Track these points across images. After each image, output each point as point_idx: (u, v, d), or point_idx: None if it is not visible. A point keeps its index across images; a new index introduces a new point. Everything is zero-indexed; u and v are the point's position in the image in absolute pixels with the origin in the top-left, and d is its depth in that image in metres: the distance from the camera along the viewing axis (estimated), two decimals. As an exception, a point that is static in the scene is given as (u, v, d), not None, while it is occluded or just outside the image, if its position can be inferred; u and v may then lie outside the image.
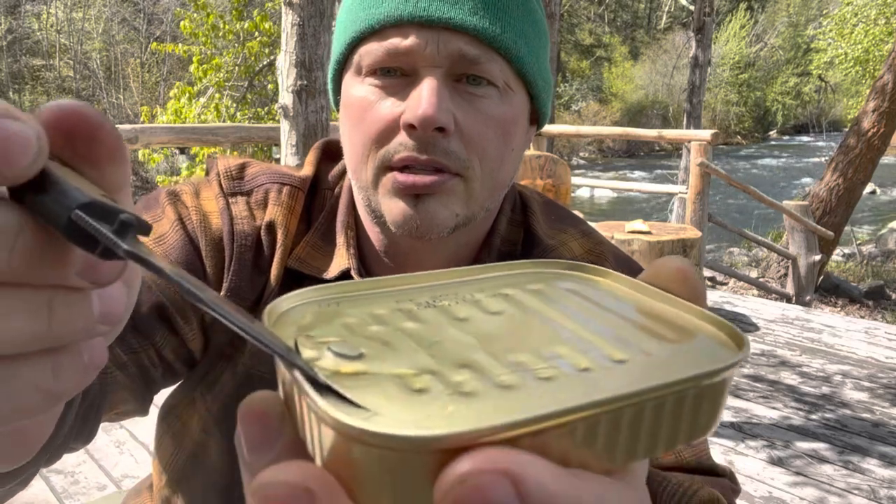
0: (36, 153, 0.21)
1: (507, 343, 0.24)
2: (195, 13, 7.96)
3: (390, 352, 0.23)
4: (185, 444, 0.73)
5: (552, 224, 0.76)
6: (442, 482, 0.18)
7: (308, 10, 2.86)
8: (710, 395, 0.22)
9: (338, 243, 0.70)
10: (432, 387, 0.21)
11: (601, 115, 27.24)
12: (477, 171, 0.62)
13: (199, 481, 0.72)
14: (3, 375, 0.22)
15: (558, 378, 0.22)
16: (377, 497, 0.19)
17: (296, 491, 0.18)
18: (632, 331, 0.26)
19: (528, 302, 0.29)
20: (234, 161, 0.73)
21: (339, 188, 0.74)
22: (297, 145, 2.95)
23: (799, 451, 2.82)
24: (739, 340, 0.25)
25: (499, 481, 0.17)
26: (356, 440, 0.18)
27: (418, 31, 0.59)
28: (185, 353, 0.68)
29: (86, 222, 0.21)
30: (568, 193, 3.88)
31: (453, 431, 0.18)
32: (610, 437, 0.21)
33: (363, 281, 0.29)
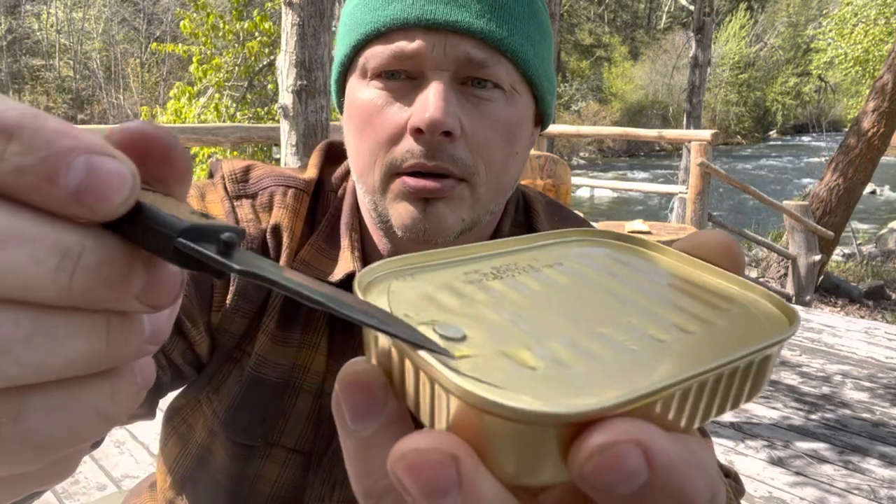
0: (130, 190, 0.21)
1: (586, 315, 0.26)
2: (195, 13, 7.96)
3: (487, 330, 0.25)
4: (190, 445, 0.73)
5: (555, 225, 0.76)
6: (580, 452, 0.19)
7: (308, 10, 2.86)
8: (768, 361, 0.25)
9: (342, 246, 0.69)
10: (540, 364, 0.23)
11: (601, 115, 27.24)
12: (482, 175, 0.62)
13: (204, 483, 0.72)
14: (65, 400, 0.22)
15: (643, 350, 0.24)
16: (505, 464, 0.20)
17: (444, 457, 0.20)
18: (687, 300, 0.28)
19: (583, 271, 0.30)
20: (238, 164, 0.73)
21: (342, 190, 0.74)
22: (297, 145, 2.95)
23: (799, 451, 2.82)
24: (789, 312, 0.27)
25: (632, 450, 0.19)
26: (492, 413, 0.20)
27: (425, 34, 0.59)
28: (193, 356, 0.68)
29: (191, 249, 0.21)
30: (568, 193, 3.88)
31: (587, 408, 0.20)
32: (695, 403, 0.23)
33: (430, 252, 0.30)
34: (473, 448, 0.20)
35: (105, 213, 0.20)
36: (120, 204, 0.20)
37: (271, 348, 0.68)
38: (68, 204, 0.20)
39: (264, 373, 0.69)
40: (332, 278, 0.67)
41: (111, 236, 0.22)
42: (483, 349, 0.23)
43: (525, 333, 0.24)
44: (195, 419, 0.72)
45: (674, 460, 0.20)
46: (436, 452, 0.20)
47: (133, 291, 0.22)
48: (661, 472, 0.19)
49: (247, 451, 0.69)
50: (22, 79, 20.25)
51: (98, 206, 0.20)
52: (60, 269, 0.20)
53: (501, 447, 0.20)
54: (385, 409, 0.23)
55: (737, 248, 0.29)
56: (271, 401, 0.69)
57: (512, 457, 0.20)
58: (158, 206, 0.22)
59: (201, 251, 0.21)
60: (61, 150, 0.20)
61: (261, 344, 0.68)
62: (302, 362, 0.69)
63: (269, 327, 0.68)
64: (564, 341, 0.24)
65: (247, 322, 0.69)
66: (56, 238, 0.20)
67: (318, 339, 0.69)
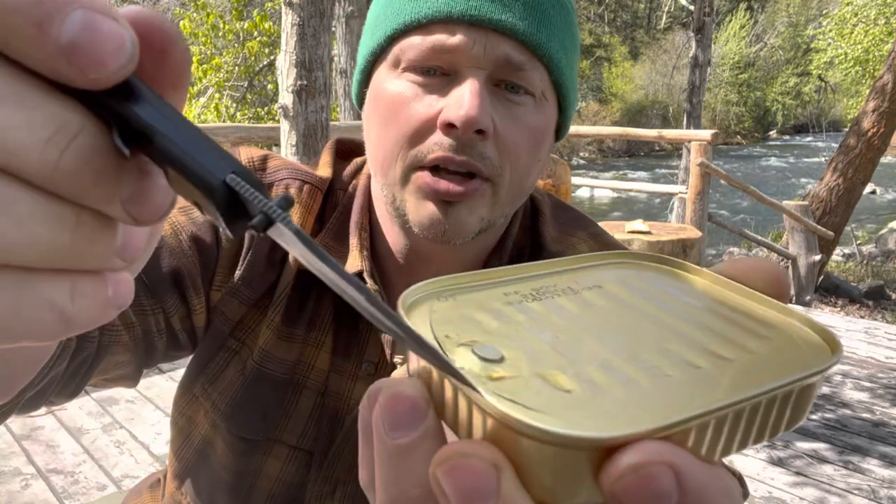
0: (127, 58, 0.19)
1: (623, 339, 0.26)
2: (195, 13, 7.96)
3: (525, 352, 0.25)
4: (192, 438, 0.73)
5: (561, 228, 0.75)
6: (612, 471, 0.20)
7: (308, 10, 2.86)
8: (808, 392, 0.24)
9: (351, 245, 0.69)
10: (576, 387, 0.23)
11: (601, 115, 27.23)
12: (507, 177, 0.62)
13: (205, 477, 0.72)
14: (19, 287, 0.20)
15: (680, 377, 0.24)
16: (538, 483, 0.21)
17: (487, 466, 0.20)
18: (726, 325, 0.27)
19: (622, 294, 0.30)
20: (256, 152, 0.73)
21: (351, 188, 0.73)
22: (297, 145, 2.95)
23: (799, 451, 2.82)
24: (832, 340, 0.26)
25: (664, 471, 0.19)
26: (527, 436, 0.20)
27: (467, 30, 0.58)
28: (189, 326, 0.68)
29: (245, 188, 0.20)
30: (568, 193, 3.88)
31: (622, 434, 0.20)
32: (731, 432, 0.23)
33: (472, 273, 0.30)
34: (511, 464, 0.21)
35: (96, 78, 0.19)
36: (114, 71, 0.19)
37: (276, 343, 0.68)
38: (58, 60, 0.19)
39: (268, 368, 0.68)
40: None
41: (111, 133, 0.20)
42: (520, 371, 0.24)
43: (562, 356, 0.25)
44: (194, 412, 0.72)
45: (705, 486, 0.20)
46: (480, 460, 0.20)
47: (120, 195, 0.21)
48: (691, 497, 0.20)
49: (248, 445, 0.69)
50: (22, 79, 20.27)
51: (89, 69, 0.19)
52: (52, 142, 0.19)
53: (535, 467, 0.21)
54: (424, 422, 0.23)
55: (785, 278, 0.29)
56: (274, 397, 0.69)
57: (545, 477, 0.21)
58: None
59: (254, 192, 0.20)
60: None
61: (265, 338, 0.68)
62: (306, 359, 0.69)
63: (274, 321, 0.68)
64: (601, 365, 0.24)
65: (244, 310, 0.68)
66: (57, 109, 0.19)
67: (323, 336, 0.69)
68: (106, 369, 0.62)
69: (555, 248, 0.72)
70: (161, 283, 0.63)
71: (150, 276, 0.63)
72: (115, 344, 0.60)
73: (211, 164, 0.20)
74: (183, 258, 0.64)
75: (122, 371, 0.64)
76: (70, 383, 0.57)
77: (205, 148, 0.20)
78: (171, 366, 3.44)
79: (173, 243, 0.64)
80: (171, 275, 0.64)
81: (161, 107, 0.21)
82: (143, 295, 0.62)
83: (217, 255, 0.67)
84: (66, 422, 2.85)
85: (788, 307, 0.28)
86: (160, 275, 0.63)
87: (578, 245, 0.74)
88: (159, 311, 0.64)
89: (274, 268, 0.69)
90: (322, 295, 0.69)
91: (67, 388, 0.57)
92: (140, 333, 0.62)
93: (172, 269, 0.63)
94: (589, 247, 0.74)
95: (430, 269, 0.69)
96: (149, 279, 0.62)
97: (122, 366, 0.63)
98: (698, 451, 0.22)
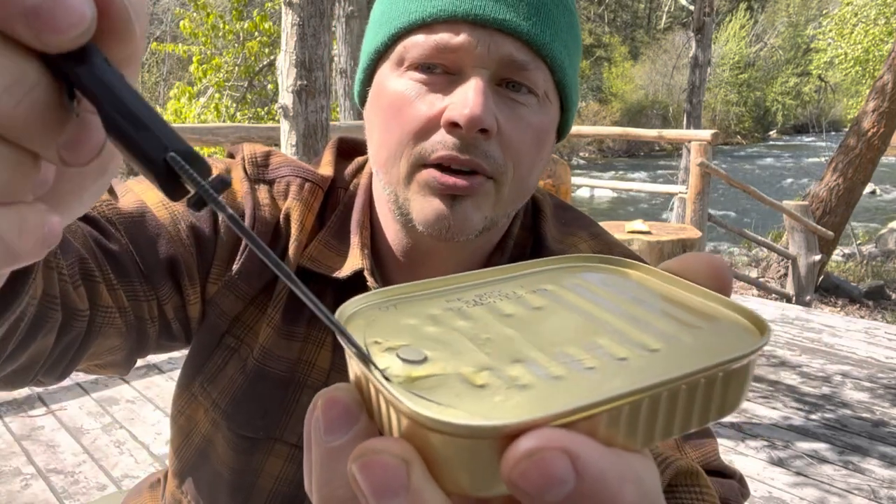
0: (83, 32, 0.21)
1: (552, 337, 0.27)
2: (195, 13, 7.96)
3: (450, 353, 0.26)
4: (192, 436, 0.73)
5: (561, 228, 0.75)
6: (509, 457, 0.20)
7: (308, 10, 2.86)
8: (736, 377, 0.24)
9: (352, 243, 0.69)
10: (492, 382, 0.23)
11: (601, 115, 27.23)
12: (510, 175, 0.62)
13: (206, 475, 0.72)
14: None
15: (601, 368, 0.24)
16: (449, 476, 0.22)
17: (397, 460, 0.21)
18: (662, 319, 0.28)
19: (566, 296, 0.30)
20: (259, 148, 0.73)
21: (353, 187, 0.73)
22: (297, 145, 2.95)
23: (799, 452, 2.82)
24: (762, 326, 0.26)
25: (559, 456, 0.20)
26: (434, 430, 0.21)
27: (471, 29, 0.59)
28: (184, 316, 0.68)
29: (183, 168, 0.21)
30: (568, 193, 3.88)
31: (519, 420, 0.20)
32: (650, 420, 0.23)
33: (416, 283, 0.31)
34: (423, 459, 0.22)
35: (49, 44, 0.20)
36: (68, 40, 0.20)
37: (277, 341, 0.68)
38: (17, 21, 0.20)
39: (269, 366, 0.68)
40: (340, 274, 0.67)
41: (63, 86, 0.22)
42: (440, 370, 0.24)
43: (486, 355, 0.25)
44: (193, 410, 0.72)
45: (604, 472, 0.20)
46: (390, 455, 0.21)
47: (59, 140, 0.22)
48: (589, 482, 0.20)
49: (249, 443, 0.69)
50: (22, 79, 20.23)
51: (44, 34, 0.20)
52: (9, 92, 0.21)
53: (444, 460, 0.21)
54: (357, 425, 0.24)
55: (724, 269, 0.29)
56: (275, 395, 0.69)
57: (455, 469, 0.21)
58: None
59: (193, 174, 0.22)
60: None
61: (266, 336, 0.68)
62: (307, 357, 0.69)
63: (274, 319, 0.68)
64: (523, 361, 0.25)
65: (241, 306, 0.68)
66: (15, 63, 0.21)
67: (324, 334, 0.69)
68: (97, 353, 0.61)
69: (556, 247, 0.72)
70: (156, 270, 0.63)
71: (145, 262, 0.62)
72: (107, 326, 0.59)
73: (152, 141, 0.22)
74: (180, 247, 0.64)
75: (114, 357, 0.64)
76: (59, 363, 0.56)
77: (149, 123, 0.22)
78: (171, 365, 3.44)
79: (171, 231, 0.64)
80: (167, 262, 0.63)
81: (111, 78, 0.22)
82: (137, 280, 0.62)
83: (215, 246, 0.67)
84: (66, 422, 2.85)
85: (725, 298, 0.28)
86: (156, 261, 0.63)
87: (579, 244, 0.74)
88: (153, 297, 0.63)
89: None
90: (322, 290, 0.69)
91: (56, 367, 0.57)
92: (133, 319, 0.62)
93: (169, 257, 0.63)
94: (590, 246, 0.74)
95: (431, 267, 0.69)
96: (144, 265, 0.62)
97: (113, 351, 0.63)
98: (614, 437, 0.22)
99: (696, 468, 0.59)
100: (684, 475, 0.58)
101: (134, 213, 0.63)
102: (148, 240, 0.62)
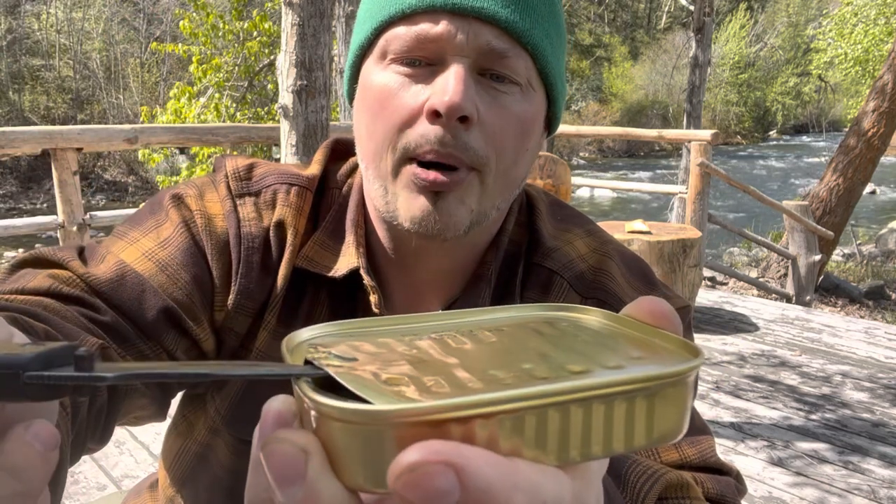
0: None
1: (486, 363, 0.27)
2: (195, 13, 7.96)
3: (380, 361, 0.26)
4: (189, 443, 0.73)
5: (557, 224, 0.75)
6: (394, 469, 0.20)
7: (308, 10, 2.86)
8: (664, 398, 0.24)
9: (347, 241, 0.69)
10: (403, 384, 0.24)
11: (601, 115, 27.23)
12: (493, 166, 0.62)
13: (204, 480, 0.72)
14: None
15: (515, 384, 0.24)
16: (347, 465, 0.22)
17: (296, 450, 0.22)
18: (599, 350, 0.28)
19: (516, 333, 0.31)
20: (241, 161, 0.73)
21: (347, 186, 0.73)
22: (297, 145, 2.95)
23: (799, 452, 2.82)
24: (695, 352, 0.26)
25: (442, 470, 0.20)
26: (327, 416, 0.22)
27: (450, 18, 0.59)
28: (198, 353, 0.67)
29: (44, 377, 0.21)
30: (568, 193, 3.88)
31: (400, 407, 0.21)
32: (561, 433, 0.22)
33: (379, 318, 0.32)
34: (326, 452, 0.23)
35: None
36: None
37: (272, 344, 0.68)
38: None
39: None
40: (336, 274, 0.67)
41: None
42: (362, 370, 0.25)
43: (412, 367, 0.26)
44: (196, 417, 0.72)
45: (491, 482, 0.21)
46: (291, 444, 0.22)
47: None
48: (474, 492, 0.20)
49: (248, 447, 0.69)
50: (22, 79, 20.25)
51: None
52: None
53: (342, 452, 0.22)
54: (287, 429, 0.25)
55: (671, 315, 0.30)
56: (272, 396, 0.69)
57: (351, 462, 0.22)
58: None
59: (58, 375, 0.22)
60: None
61: (262, 340, 0.68)
62: None
63: (270, 323, 0.68)
64: (443, 374, 0.25)
65: (250, 321, 0.68)
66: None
67: None
68: (128, 412, 0.62)
69: (552, 243, 0.72)
70: (154, 325, 0.62)
71: (138, 323, 0.62)
72: (129, 390, 0.60)
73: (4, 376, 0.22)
74: (175, 292, 0.64)
75: (146, 412, 0.65)
76: (96, 429, 0.57)
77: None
78: (171, 366, 3.44)
79: (160, 280, 0.63)
80: (162, 313, 0.63)
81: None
82: (140, 341, 0.62)
83: (210, 277, 0.67)
84: (66, 422, 2.85)
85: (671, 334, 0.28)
86: (151, 317, 0.62)
87: (575, 241, 0.74)
88: (160, 350, 0.63)
89: (270, 272, 0.68)
90: (318, 290, 0.69)
91: (95, 433, 0.57)
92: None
93: (163, 308, 0.63)
94: (585, 243, 0.74)
95: (424, 265, 0.69)
96: (139, 326, 0.62)
97: (143, 408, 0.64)
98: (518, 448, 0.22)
99: (687, 481, 0.59)
100: (674, 488, 0.58)
101: (113, 277, 0.62)
102: (134, 300, 0.62)
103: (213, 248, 0.67)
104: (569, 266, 0.71)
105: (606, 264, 0.72)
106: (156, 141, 3.52)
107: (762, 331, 4.43)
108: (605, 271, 0.71)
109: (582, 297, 0.70)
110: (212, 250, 0.67)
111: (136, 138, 3.34)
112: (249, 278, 0.67)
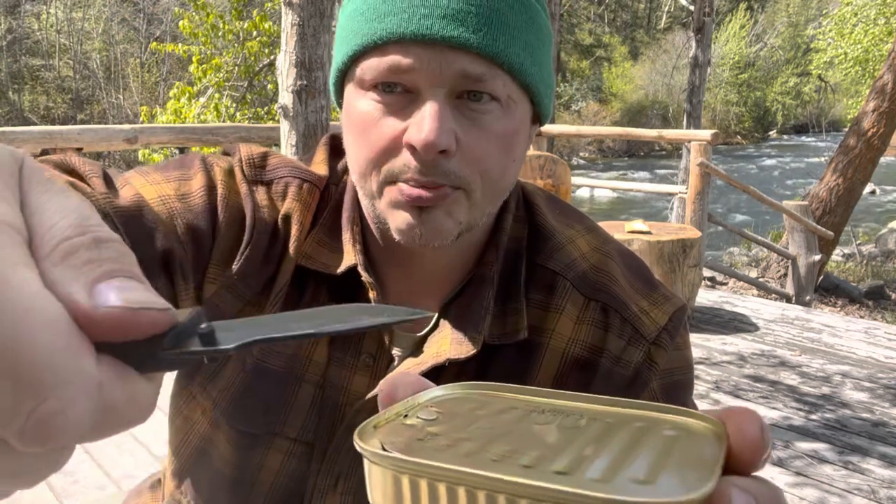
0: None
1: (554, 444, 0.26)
2: (195, 13, 7.96)
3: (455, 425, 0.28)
4: (190, 437, 0.73)
5: (558, 218, 0.76)
6: None
7: (308, 10, 2.86)
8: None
9: (344, 239, 0.70)
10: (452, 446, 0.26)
11: (601, 115, 27.23)
12: (478, 184, 0.62)
13: (206, 473, 0.73)
14: None
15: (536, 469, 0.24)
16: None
17: None
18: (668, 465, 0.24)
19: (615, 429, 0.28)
20: (256, 149, 0.74)
21: (342, 184, 0.74)
22: (297, 145, 2.95)
23: (799, 452, 2.82)
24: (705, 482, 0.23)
25: None
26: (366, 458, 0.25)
27: (422, 49, 0.59)
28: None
29: (179, 355, 0.22)
30: (568, 193, 3.88)
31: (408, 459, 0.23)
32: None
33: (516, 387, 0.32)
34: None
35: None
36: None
37: None
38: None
39: (268, 362, 0.69)
40: (335, 271, 0.68)
41: None
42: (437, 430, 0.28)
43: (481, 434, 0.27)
44: (192, 411, 0.73)
45: None
46: None
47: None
48: None
49: (250, 439, 0.69)
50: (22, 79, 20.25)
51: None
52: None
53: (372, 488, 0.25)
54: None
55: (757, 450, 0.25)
56: (274, 390, 0.69)
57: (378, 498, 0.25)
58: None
59: (195, 351, 0.22)
60: None
61: None
62: (304, 353, 0.69)
63: None
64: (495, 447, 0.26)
65: (240, 306, 0.69)
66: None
67: None
68: None
69: (557, 238, 0.73)
70: (150, 264, 0.63)
71: (139, 256, 0.62)
72: None
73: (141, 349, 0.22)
74: (176, 244, 0.64)
75: None
76: None
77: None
78: (171, 366, 3.44)
79: (168, 228, 0.64)
80: (162, 256, 0.63)
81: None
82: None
83: (212, 245, 0.67)
84: (66, 422, 2.85)
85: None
86: (152, 255, 0.62)
87: (577, 238, 0.74)
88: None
89: (271, 263, 0.69)
90: (319, 287, 0.70)
91: None
92: None
93: (165, 250, 0.63)
94: (586, 241, 0.74)
95: (420, 263, 0.70)
96: (141, 254, 0.62)
97: None
98: None
99: None
100: None
101: (131, 207, 0.63)
102: (145, 234, 0.62)
103: (228, 220, 0.67)
104: (571, 266, 0.71)
105: (608, 265, 0.72)
106: (156, 141, 3.52)
107: (762, 331, 4.43)
108: (607, 272, 0.72)
109: (586, 297, 0.70)
110: (226, 221, 0.67)
111: (135, 138, 3.34)
112: (251, 263, 0.68)
